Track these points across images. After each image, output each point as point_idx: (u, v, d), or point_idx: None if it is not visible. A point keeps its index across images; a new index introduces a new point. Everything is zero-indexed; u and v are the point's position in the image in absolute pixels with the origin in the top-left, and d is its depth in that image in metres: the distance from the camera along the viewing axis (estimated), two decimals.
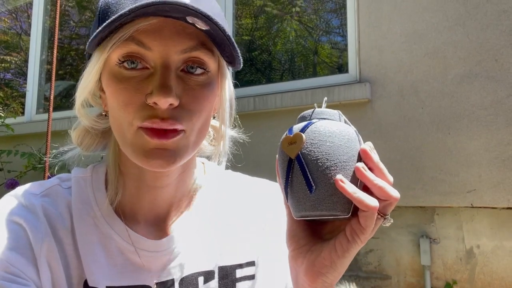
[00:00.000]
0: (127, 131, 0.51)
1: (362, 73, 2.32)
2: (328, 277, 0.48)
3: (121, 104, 0.51)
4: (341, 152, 0.46)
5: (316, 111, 0.51)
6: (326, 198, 0.46)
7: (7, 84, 4.43)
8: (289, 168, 0.48)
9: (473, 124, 2.01)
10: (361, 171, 0.46)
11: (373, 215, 0.45)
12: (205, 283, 0.60)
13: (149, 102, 0.49)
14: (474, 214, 2.01)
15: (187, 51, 0.51)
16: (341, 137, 0.47)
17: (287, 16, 3.07)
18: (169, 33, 0.50)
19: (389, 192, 0.45)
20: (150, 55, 0.50)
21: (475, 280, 1.99)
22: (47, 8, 3.80)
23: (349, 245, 0.46)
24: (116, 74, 0.51)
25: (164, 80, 0.49)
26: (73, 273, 0.54)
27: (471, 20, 2.06)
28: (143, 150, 0.51)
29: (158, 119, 0.49)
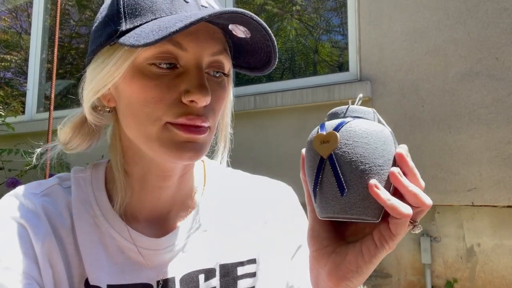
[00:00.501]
0: (152, 126, 0.52)
1: (362, 71, 2.32)
2: (352, 282, 0.47)
3: (150, 100, 0.51)
4: (376, 155, 0.44)
5: (351, 108, 0.48)
6: (357, 202, 0.44)
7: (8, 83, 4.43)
8: (320, 168, 0.46)
9: (473, 123, 2.01)
10: (396, 177, 0.44)
11: (405, 223, 0.44)
12: (206, 280, 0.59)
13: (185, 100, 0.51)
14: (475, 212, 2.01)
15: (216, 54, 0.54)
16: (377, 139, 0.45)
17: (288, 15, 3.07)
18: (204, 36, 0.52)
19: (423, 199, 0.44)
20: (184, 55, 0.52)
21: (476, 278, 1.99)
22: (47, 7, 3.80)
23: (377, 250, 0.45)
24: (145, 71, 0.51)
25: (202, 80, 0.51)
26: (74, 272, 0.54)
27: (472, 18, 2.06)
28: (173, 143, 0.52)
29: (194, 115, 0.51)
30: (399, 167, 0.45)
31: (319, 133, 0.47)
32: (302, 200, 0.74)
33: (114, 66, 0.52)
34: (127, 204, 0.59)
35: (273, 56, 0.56)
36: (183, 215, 0.63)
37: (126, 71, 0.52)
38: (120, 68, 0.52)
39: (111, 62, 0.52)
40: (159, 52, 0.51)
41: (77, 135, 0.62)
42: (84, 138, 0.62)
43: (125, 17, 0.51)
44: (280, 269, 0.65)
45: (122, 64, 0.51)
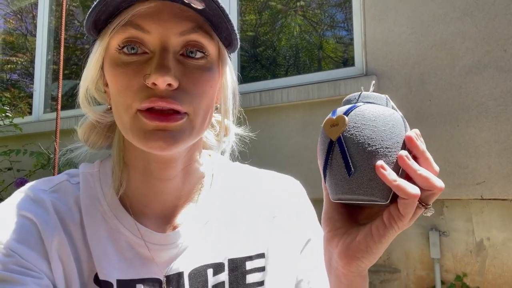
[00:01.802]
0: (126, 115, 0.52)
1: (368, 66, 2.30)
2: (363, 261, 0.47)
3: (119, 88, 0.51)
4: (384, 137, 0.45)
5: (363, 95, 0.49)
6: (364, 182, 0.45)
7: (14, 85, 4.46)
8: (329, 150, 0.47)
9: (482, 116, 1.99)
10: (404, 160, 0.44)
11: (413, 203, 0.43)
12: (214, 275, 0.59)
13: (147, 83, 0.50)
14: (484, 206, 1.99)
15: (185, 34, 0.51)
16: (385, 122, 0.46)
17: (291, 11, 3.06)
18: (167, 16, 0.50)
19: (434, 182, 0.44)
20: (149, 38, 0.51)
21: (486, 272, 1.97)
22: (52, 9, 3.82)
23: (386, 230, 0.45)
24: (115, 60, 0.52)
25: (162, 60, 0.49)
26: (84, 267, 0.55)
27: (479, 10, 2.03)
28: (142, 132, 0.51)
29: (157, 97, 0.49)
30: (409, 151, 0.45)
31: (330, 117, 0.49)
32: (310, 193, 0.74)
33: (91, 57, 0.53)
34: (133, 199, 0.59)
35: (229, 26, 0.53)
36: (191, 209, 0.62)
37: (103, 62, 0.54)
38: (94, 57, 0.53)
39: (91, 55, 0.54)
40: (123, 37, 0.51)
41: (91, 133, 0.62)
42: (99, 136, 0.63)
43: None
44: (289, 264, 0.65)
45: (95, 54, 0.53)
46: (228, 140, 0.65)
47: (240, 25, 3.03)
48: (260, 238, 0.64)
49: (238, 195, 0.66)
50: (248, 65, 3.09)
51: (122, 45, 0.51)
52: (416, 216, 0.46)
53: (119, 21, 0.50)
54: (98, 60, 0.54)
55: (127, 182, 0.60)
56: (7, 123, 3.06)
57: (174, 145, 0.51)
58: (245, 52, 3.08)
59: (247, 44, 3.10)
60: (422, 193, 0.44)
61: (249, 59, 3.09)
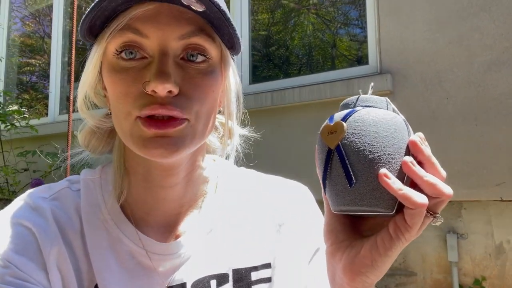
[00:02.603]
0: (125, 122, 0.50)
1: (383, 64, 2.25)
2: (368, 277, 0.44)
3: (118, 95, 0.50)
4: (386, 143, 0.42)
5: (361, 98, 0.46)
6: (367, 193, 0.42)
7: (33, 87, 4.54)
8: (328, 159, 0.45)
9: (501, 114, 1.93)
10: (409, 166, 0.41)
11: (421, 213, 0.41)
12: (218, 286, 0.58)
13: (147, 90, 0.48)
14: (504, 208, 1.93)
15: (186, 37, 0.49)
16: (387, 127, 0.43)
17: (304, 10, 3.02)
18: (166, 19, 0.49)
19: (442, 189, 0.41)
20: (148, 43, 0.49)
21: (505, 276, 1.91)
22: (67, 11, 3.87)
23: (392, 243, 0.42)
24: (113, 65, 0.50)
25: (161, 66, 0.48)
26: (84, 277, 0.53)
27: (497, 5, 1.97)
28: (141, 139, 0.49)
29: (157, 104, 0.48)
30: (414, 156, 0.42)
31: (327, 124, 0.46)
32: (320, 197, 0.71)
33: (88, 62, 0.52)
34: (135, 207, 0.58)
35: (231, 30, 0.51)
36: (194, 217, 0.61)
37: (101, 67, 0.53)
38: (92, 62, 0.52)
39: (88, 59, 0.53)
40: (121, 42, 0.49)
41: (92, 138, 0.61)
42: (100, 141, 0.61)
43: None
44: (297, 274, 0.63)
45: (92, 59, 0.52)
46: (233, 143, 0.63)
47: (252, 24, 3.01)
48: (266, 247, 0.62)
49: (244, 202, 0.64)
50: (260, 64, 3.07)
51: (120, 49, 0.50)
52: (424, 226, 0.43)
53: (116, 25, 0.48)
54: (96, 65, 0.53)
55: (128, 189, 0.58)
56: (23, 124, 3.11)
57: (176, 152, 0.50)
58: (258, 52, 3.06)
59: (259, 44, 3.08)
60: (430, 201, 0.41)
61: (261, 58, 3.06)
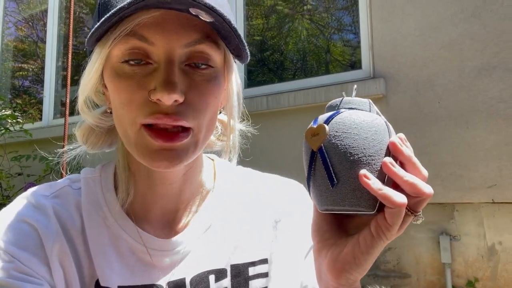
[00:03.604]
0: (130, 130, 0.51)
1: (376, 68, 2.28)
2: (351, 273, 0.46)
3: (123, 102, 0.50)
4: (367, 145, 0.44)
5: (345, 100, 0.48)
6: (349, 193, 0.44)
7: (26, 91, 4.52)
8: (311, 161, 0.46)
9: (492, 118, 1.96)
10: (388, 167, 0.42)
11: (400, 212, 0.42)
12: (216, 281, 0.59)
13: (152, 99, 0.48)
14: (496, 209, 1.96)
15: (192, 45, 0.49)
16: (367, 129, 0.44)
17: (298, 15, 3.05)
18: (173, 26, 0.48)
19: (421, 188, 0.42)
20: (153, 50, 0.49)
21: (498, 277, 1.93)
22: (62, 15, 3.87)
23: (374, 241, 0.44)
24: (117, 71, 0.50)
25: (168, 75, 0.47)
26: (85, 273, 0.54)
27: (488, 11, 2.01)
28: (147, 150, 0.50)
29: (162, 114, 0.48)
30: (395, 157, 0.44)
31: (311, 126, 0.47)
32: None
33: (91, 68, 0.52)
34: (135, 204, 0.59)
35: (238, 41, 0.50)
36: (192, 215, 0.62)
37: (103, 71, 0.52)
38: (95, 67, 0.52)
39: (90, 64, 0.52)
40: (127, 48, 0.49)
41: (91, 135, 0.62)
42: (99, 137, 0.62)
43: (99, 17, 0.50)
44: (293, 269, 0.64)
45: (95, 63, 0.51)
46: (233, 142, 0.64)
47: (247, 29, 3.04)
48: (263, 243, 0.63)
49: (241, 199, 0.66)
50: (255, 69, 3.09)
51: (125, 56, 0.49)
52: (405, 225, 0.44)
53: (121, 31, 0.48)
54: (98, 69, 0.52)
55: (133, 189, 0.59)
56: (17, 129, 3.10)
57: (179, 164, 0.51)
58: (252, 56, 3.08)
59: (254, 49, 3.10)
60: (411, 200, 0.42)
61: (256, 63, 3.09)
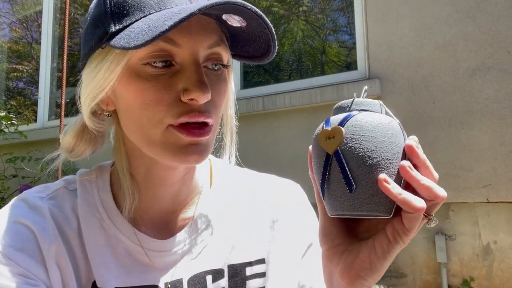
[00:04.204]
0: (155, 130, 0.51)
1: (371, 69, 2.30)
2: (367, 280, 0.45)
3: (149, 102, 0.50)
4: (384, 148, 0.42)
5: (356, 101, 0.47)
6: (367, 198, 0.42)
7: (20, 93, 4.50)
8: (326, 164, 0.45)
9: (486, 118, 1.97)
10: (407, 171, 0.42)
11: (419, 217, 0.42)
12: (214, 281, 0.59)
13: (185, 99, 0.49)
14: (490, 209, 1.97)
15: (212, 47, 0.52)
16: (384, 132, 0.43)
17: (294, 17, 3.06)
18: (196, 28, 0.50)
19: (437, 192, 0.42)
20: (179, 51, 0.50)
21: (493, 276, 1.94)
22: (56, 17, 3.86)
23: (390, 246, 0.43)
24: (139, 72, 0.50)
25: (200, 76, 0.49)
26: (82, 274, 0.54)
27: (482, 12, 2.02)
28: (177, 147, 0.51)
29: (196, 112, 0.50)
30: (410, 160, 0.43)
31: (324, 128, 0.46)
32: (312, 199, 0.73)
33: (108, 70, 0.50)
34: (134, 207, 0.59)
35: (272, 44, 0.53)
36: (189, 215, 0.62)
37: (121, 74, 0.51)
38: (114, 72, 0.50)
39: (104, 66, 0.50)
40: (152, 51, 0.49)
41: (80, 142, 0.61)
42: (88, 144, 0.62)
43: (113, 17, 0.49)
44: (290, 269, 0.64)
45: (115, 68, 0.50)
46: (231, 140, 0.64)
47: None
48: (260, 243, 0.64)
49: (238, 199, 0.66)
50: (251, 70, 3.10)
51: (149, 58, 0.49)
52: (419, 228, 0.44)
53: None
54: (117, 71, 0.50)
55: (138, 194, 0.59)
56: (12, 130, 3.08)
57: (205, 157, 0.53)
58: None
59: None
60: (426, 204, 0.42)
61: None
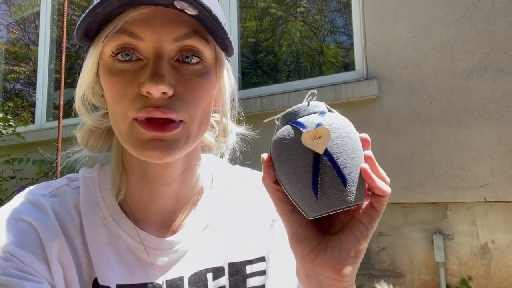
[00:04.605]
0: (122, 124, 0.52)
1: (369, 70, 2.30)
2: (354, 267, 0.48)
3: (115, 97, 0.51)
4: (357, 142, 0.48)
5: (313, 104, 0.51)
6: (357, 189, 0.46)
7: (17, 94, 4.49)
8: (316, 164, 0.45)
9: (483, 118, 1.98)
10: (372, 160, 0.48)
11: (387, 199, 0.48)
12: (214, 279, 0.59)
13: (142, 92, 0.49)
14: (488, 208, 1.98)
15: (180, 39, 0.51)
16: (351, 127, 0.49)
17: (291, 17, 3.07)
18: (161, 21, 0.50)
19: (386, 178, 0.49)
20: (143, 45, 0.50)
21: (491, 275, 1.95)
22: (54, 18, 3.85)
23: (368, 230, 0.48)
24: (109, 67, 0.51)
25: (156, 68, 0.49)
26: (84, 271, 0.54)
27: (478, 12, 2.04)
28: (139, 141, 0.50)
29: (152, 107, 0.49)
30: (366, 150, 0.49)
31: (306, 130, 0.47)
32: None
33: (85, 63, 0.53)
34: (133, 203, 0.59)
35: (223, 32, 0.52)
36: (190, 213, 0.62)
37: (99, 69, 0.53)
38: (89, 64, 0.53)
39: (85, 61, 0.53)
40: (117, 45, 0.50)
41: (91, 137, 0.62)
42: (99, 139, 0.63)
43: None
44: (290, 267, 0.64)
45: (89, 60, 0.53)
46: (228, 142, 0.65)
47: (240, 31, 3.05)
48: (260, 241, 0.64)
49: (238, 198, 0.66)
50: (249, 71, 3.10)
51: (115, 52, 0.51)
52: None
53: (112, 28, 0.50)
54: (92, 67, 0.54)
55: (126, 186, 0.59)
56: (10, 132, 3.08)
57: (171, 154, 0.51)
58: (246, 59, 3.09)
59: (247, 51, 3.11)
60: None
61: (250, 65, 3.09)
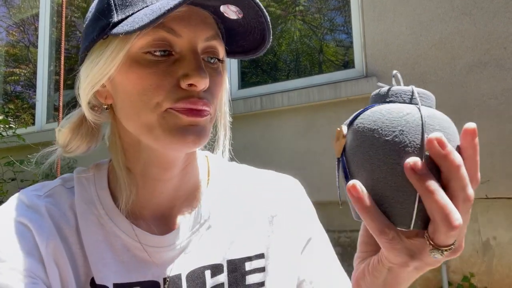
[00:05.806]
0: (152, 113, 0.51)
1: (368, 67, 2.30)
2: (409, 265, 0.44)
3: (148, 87, 0.51)
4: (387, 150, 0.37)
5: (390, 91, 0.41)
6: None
7: (18, 96, 4.49)
8: (338, 168, 0.42)
9: (484, 114, 1.98)
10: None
11: None
12: (213, 276, 0.59)
13: (184, 84, 0.51)
14: (489, 205, 1.97)
15: (209, 39, 0.54)
16: (390, 129, 0.37)
17: (291, 16, 3.07)
18: (196, 21, 0.53)
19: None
20: (179, 41, 0.52)
21: (493, 272, 1.95)
22: (53, 20, 3.85)
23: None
24: (140, 60, 0.51)
25: (199, 63, 0.51)
26: (80, 271, 0.54)
27: (478, 8, 2.03)
28: (176, 127, 0.51)
29: (195, 98, 0.51)
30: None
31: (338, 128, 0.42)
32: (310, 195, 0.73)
33: (109, 58, 0.51)
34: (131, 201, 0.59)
35: (267, 33, 0.56)
36: (188, 210, 0.62)
37: (122, 62, 0.52)
38: (115, 59, 0.51)
39: (105, 54, 0.52)
40: (153, 39, 0.51)
41: (76, 136, 0.61)
42: (83, 139, 0.62)
43: (116, 9, 0.51)
44: (290, 263, 0.64)
45: (117, 55, 0.51)
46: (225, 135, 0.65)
47: None
48: (259, 238, 0.64)
49: (236, 195, 0.66)
50: (249, 70, 3.10)
51: (149, 46, 0.51)
52: None
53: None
54: (118, 58, 0.51)
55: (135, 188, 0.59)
56: (10, 134, 3.08)
57: (203, 139, 0.54)
58: None
59: None
60: None
61: (249, 64, 3.09)
